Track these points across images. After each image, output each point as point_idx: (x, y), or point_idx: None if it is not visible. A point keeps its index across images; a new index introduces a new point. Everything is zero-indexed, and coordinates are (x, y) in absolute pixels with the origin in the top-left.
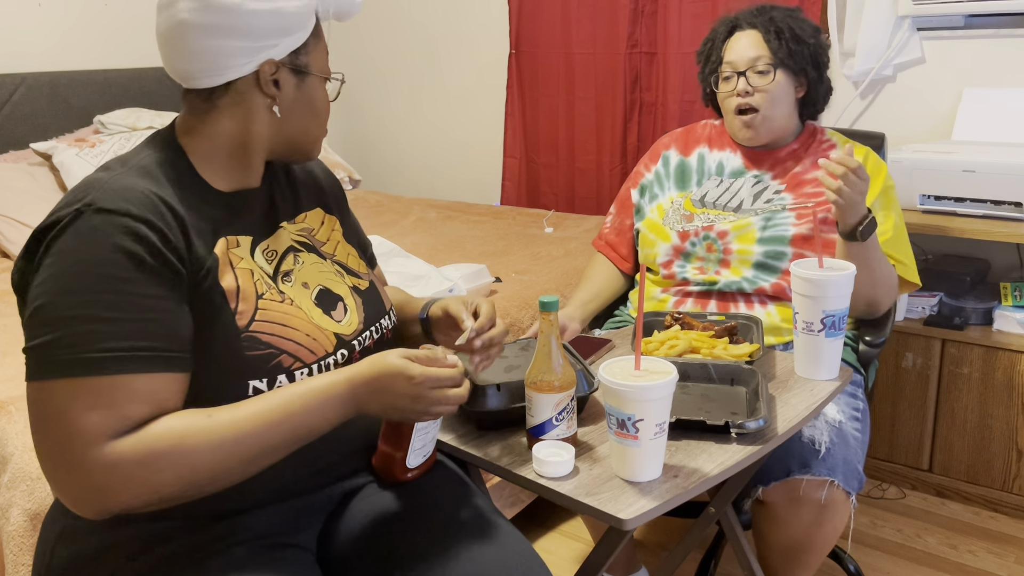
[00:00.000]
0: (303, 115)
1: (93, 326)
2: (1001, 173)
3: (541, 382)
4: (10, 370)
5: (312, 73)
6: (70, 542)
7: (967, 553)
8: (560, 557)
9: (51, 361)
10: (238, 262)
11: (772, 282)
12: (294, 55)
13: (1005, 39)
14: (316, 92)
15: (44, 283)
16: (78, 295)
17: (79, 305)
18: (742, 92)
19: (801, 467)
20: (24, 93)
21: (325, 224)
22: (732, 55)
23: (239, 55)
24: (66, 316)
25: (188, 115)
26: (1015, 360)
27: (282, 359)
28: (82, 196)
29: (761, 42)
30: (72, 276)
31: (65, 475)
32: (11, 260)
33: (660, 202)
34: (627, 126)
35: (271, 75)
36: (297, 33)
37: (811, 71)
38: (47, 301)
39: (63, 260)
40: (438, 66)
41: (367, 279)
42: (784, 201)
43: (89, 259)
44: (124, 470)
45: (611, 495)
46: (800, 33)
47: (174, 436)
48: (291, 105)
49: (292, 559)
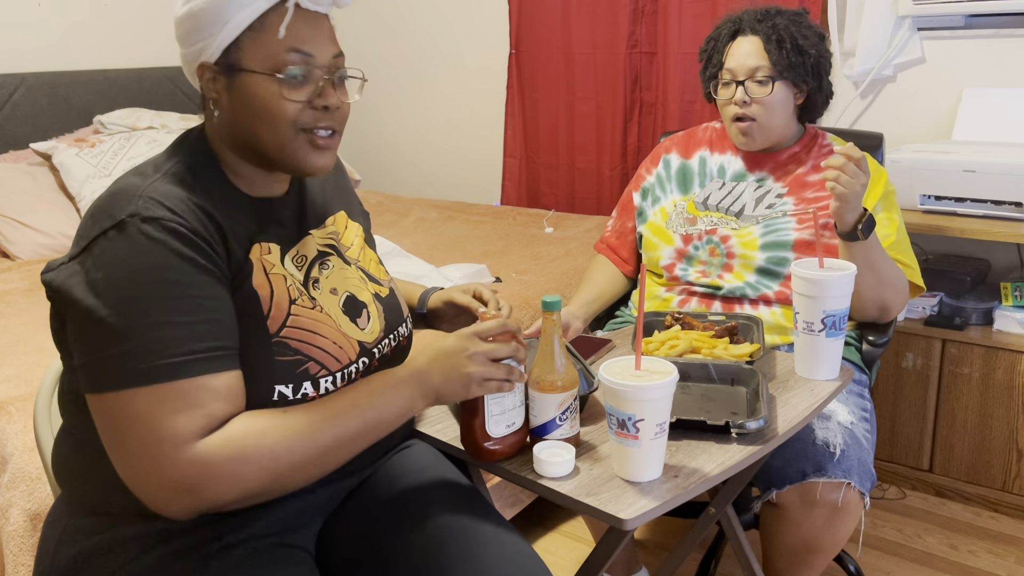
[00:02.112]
0: (244, 117)
1: (167, 332)
2: (1001, 173)
3: (544, 382)
4: (10, 370)
5: (244, 70)
6: (72, 543)
7: (967, 553)
8: (560, 557)
9: (129, 371)
10: (271, 268)
11: (776, 289)
12: (225, 54)
13: (1005, 39)
14: (255, 90)
15: (101, 295)
16: (143, 303)
17: (147, 313)
18: (740, 102)
19: (816, 470)
20: (24, 93)
21: (349, 229)
22: (733, 62)
23: (187, 64)
24: (136, 325)
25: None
26: (1015, 360)
27: (309, 366)
28: (124, 204)
29: (762, 51)
30: (132, 284)
31: (156, 478)
32: (11, 260)
33: (663, 205)
34: (627, 126)
35: (208, 78)
36: (217, 31)
37: (811, 80)
38: (109, 313)
39: (118, 270)
40: (438, 66)
41: (387, 286)
42: (785, 207)
43: (147, 266)
44: (215, 467)
45: (611, 495)
46: (803, 43)
47: (257, 430)
48: (229, 110)
49: (292, 559)
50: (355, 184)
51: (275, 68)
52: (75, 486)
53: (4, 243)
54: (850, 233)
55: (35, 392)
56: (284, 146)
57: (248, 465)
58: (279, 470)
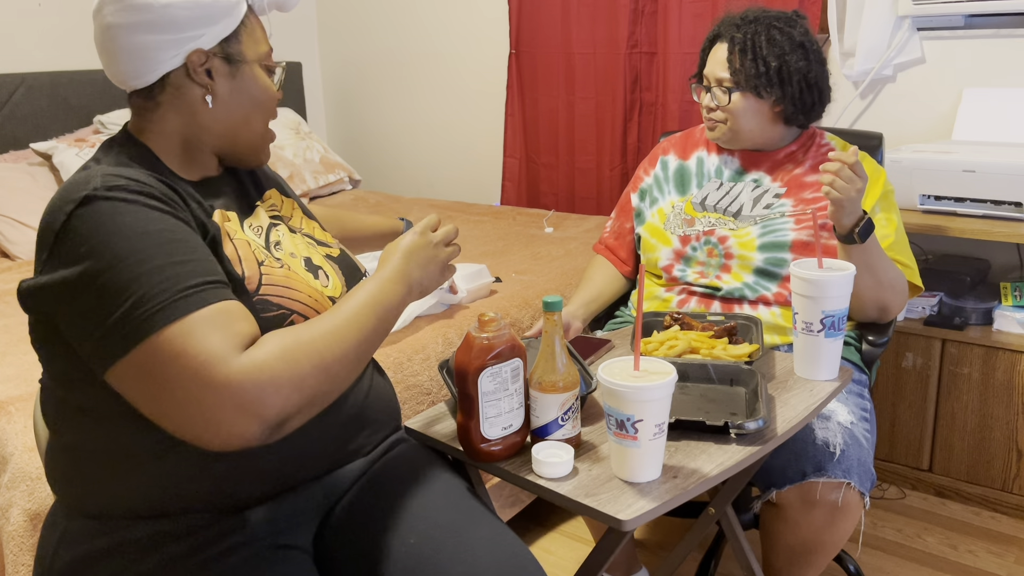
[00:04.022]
0: (241, 104)
1: (171, 272)
2: (1001, 173)
3: (546, 382)
4: (10, 370)
5: (246, 61)
6: (71, 546)
7: (967, 553)
8: (560, 557)
9: (148, 317)
10: (235, 234)
11: (774, 291)
12: (224, 44)
13: (1005, 39)
14: (254, 81)
15: (91, 264)
16: (138, 254)
17: (144, 261)
18: (707, 107)
19: (816, 470)
20: (24, 93)
21: (285, 203)
22: (707, 68)
23: (165, 48)
24: (138, 274)
25: (136, 118)
26: (1015, 360)
27: (294, 319)
28: (80, 188)
29: (730, 59)
30: (120, 241)
31: (215, 404)
32: (11, 260)
33: (661, 206)
34: (627, 126)
35: (201, 65)
36: (223, 22)
37: (779, 90)
38: (108, 275)
39: (100, 234)
40: (438, 66)
41: (336, 247)
42: (784, 208)
43: (128, 223)
44: (269, 370)
45: (610, 496)
46: (765, 53)
47: (293, 335)
48: (227, 94)
49: (292, 560)
50: (355, 184)
51: (264, 61)
52: (71, 494)
53: (4, 243)
54: (847, 236)
55: (35, 392)
56: (260, 135)
57: (299, 363)
58: (328, 364)
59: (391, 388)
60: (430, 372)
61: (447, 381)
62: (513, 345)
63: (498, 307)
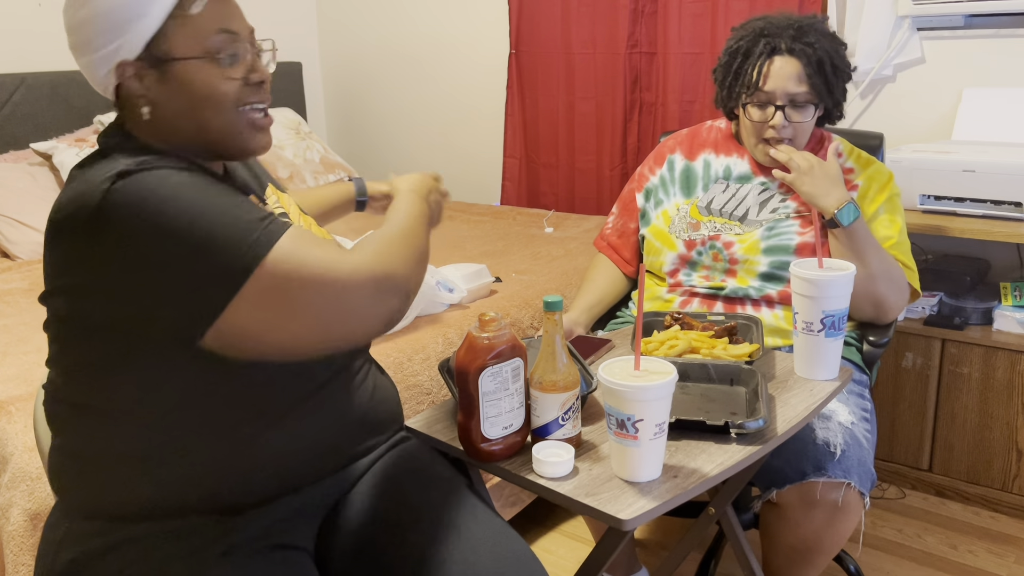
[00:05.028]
0: (184, 106)
1: (237, 212)
2: (1001, 173)
3: (546, 382)
4: (10, 370)
5: (176, 59)
6: (72, 546)
7: (967, 553)
8: (560, 557)
9: (241, 255)
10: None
11: (779, 290)
12: (152, 47)
13: (1005, 39)
14: (193, 77)
15: (152, 232)
16: (198, 205)
17: (208, 209)
18: (779, 127)
19: (816, 470)
20: (24, 93)
21: (283, 198)
22: (771, 84)
23: (98, 66)
24: (209, 223)
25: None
26: (1015, 360)
27: None
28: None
29: (802, 74)
30: (177, 199)
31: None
32: (11, 260)
33: (666, 208)
34: (627, 126)
35: (130, 76)
36: (135, 26)
37: (842, 97)
38: (179, 235)
39: (151, 200)
40: (438, 66)
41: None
42: (789, 209)
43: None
44: (382, 253)
45: (611, 495)
46: (838, 63)
47: (376, 236)
48: (164, 98)
49: (292, 560)
50: None
51: (209, 51)
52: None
53: (4, 243)
54: (831, 221)
55: (35, 392)
56: (228, 128)
57: (400, 248)
58: (415, 248)
59: (394, 389)
60: (430, 372)
61: (447, 381)
62: (513, 345)
63: (498, 307)
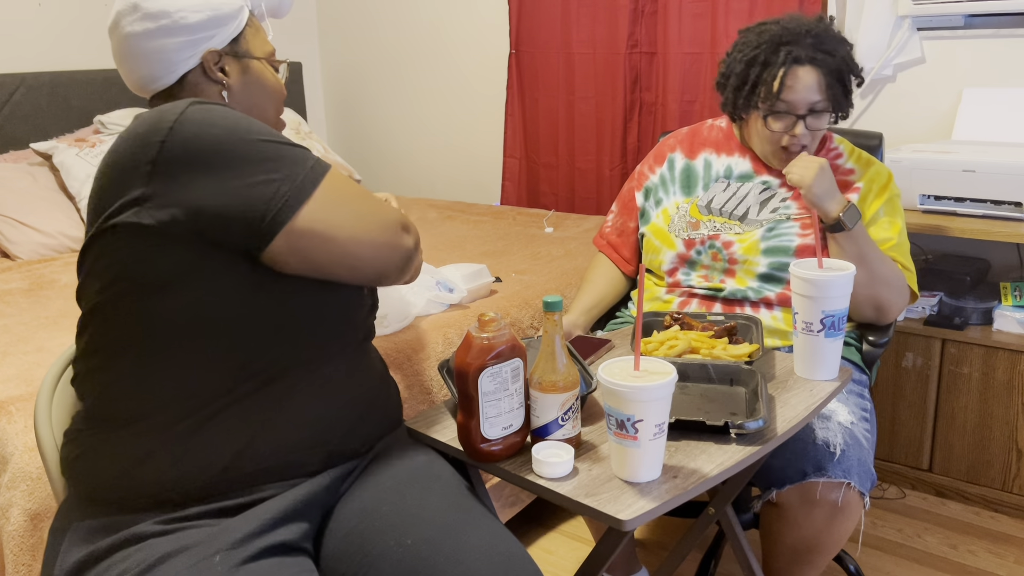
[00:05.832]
0: (255, 95)
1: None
2: (1001, 173)
3: (546, 382)
4: (10, 370)
5: (254, 57)
6: (78, 548)
7: (967, 553)
8: (560, 557)
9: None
10: None
11: (778, 292)
12: (234, 43)
13: (1005, 39)
14: (263, 74)
15: (229, 146)
16: (263, 133)
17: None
18: (800, 136)
19: (816, 470)
20: (24, 93)
21: None
22: (792, 95)
23: (182, 50)
24: (276, 145)
25: None
26: (1015, 360)
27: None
28: (174, 108)
29: (822, 83)
30: (243, 124)
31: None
32: (11, 260)
33: (665, 207)
34: (627, 126)
35: (215, 63)
36: (231, 24)
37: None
38: (254, 149)
39: (222, 122)
40: (438, 66)
41: None
42: (789, 210)
43: (234, 114)
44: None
45: (610, 496)
46: (854, 68)
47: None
48: (240, 88)
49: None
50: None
51: (270, 58)
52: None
53: (4, 243)
54: (834, 225)
55: (35, 392)
56: (274, 123)
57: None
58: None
59: (394, 384)
60: (430, 372)
61: (447, 381)
62: (513, 345)
63: (498, 307)
